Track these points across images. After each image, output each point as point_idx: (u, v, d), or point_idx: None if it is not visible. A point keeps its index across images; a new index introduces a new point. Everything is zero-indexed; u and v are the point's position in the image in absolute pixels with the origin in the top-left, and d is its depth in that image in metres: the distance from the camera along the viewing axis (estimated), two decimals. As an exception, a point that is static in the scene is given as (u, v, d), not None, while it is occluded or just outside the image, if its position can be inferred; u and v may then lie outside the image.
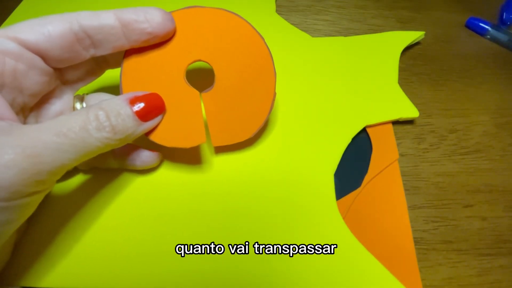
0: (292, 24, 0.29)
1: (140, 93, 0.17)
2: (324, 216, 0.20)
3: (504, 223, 0.21)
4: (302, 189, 0.21)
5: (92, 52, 0.17)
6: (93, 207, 0.20)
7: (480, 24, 0.30)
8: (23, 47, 0.15)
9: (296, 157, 0.22)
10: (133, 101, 0.16)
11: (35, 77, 0.16)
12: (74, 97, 0.19)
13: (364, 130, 0.23)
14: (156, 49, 0.18)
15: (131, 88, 0.18)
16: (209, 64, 0.18)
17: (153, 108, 0.17)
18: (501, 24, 0.30)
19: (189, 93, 0.18)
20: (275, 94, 0.19)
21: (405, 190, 0.22)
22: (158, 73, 0.18)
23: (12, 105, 0.15)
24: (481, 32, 0.30)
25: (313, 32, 0.29)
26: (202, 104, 0.19)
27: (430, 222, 0.21)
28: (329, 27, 0.30)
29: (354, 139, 0.23)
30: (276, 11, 0.30)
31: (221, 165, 0.21)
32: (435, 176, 0.23)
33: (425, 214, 0.21)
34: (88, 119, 0.14)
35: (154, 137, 0.18)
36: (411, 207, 0.21)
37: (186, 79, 0.18)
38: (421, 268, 0.19)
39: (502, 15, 0.30)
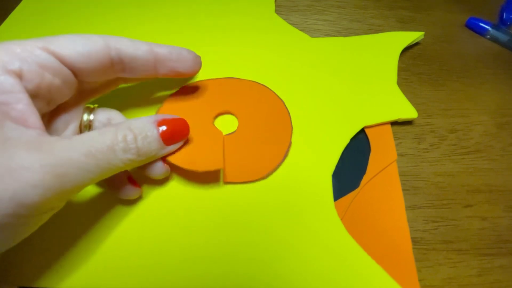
0: (292, 24, 0.29)
1: (169, 116, 0.17)
2: (321, 217, 0.20)
3: (504, 223, 0.21)
4: (300, 189, 0.20)
5: (120, 74, 0.17)
6: (95, 218, 0.19)
7: (480, 24, 0.30)
8: (61, 63, 0.15)
9: (294, 157, 0.22)
10: (161, 123, 0.17)
11: (66, 91, 0.16)
12: (84, 108, 0.18)
13: (362, 131, 0.23)
14: (194, 98, 0.22)
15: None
16: (235, 116, 0.22)
17: (178, 132, 0.17)
18: (501, 24, 0.30)
19: (214, 132, 0.20)
20: (290, 143, 0.22)
21: (405, 190, 0.22)
22: (192, 115, 0.20)
23: None
24: (481, 32, 0.30)
25: (313, 32, 0.29)
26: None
27: (430, 222, 0.21)
28: (329, 27, 0.30)
29: (352, 139, 0.23)
30: (276, 11, 0.30)
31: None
32: (435, 176, 0.22)
33: (425, 214, 0.21)
34: (116, 140, 0.15)
35: (172, 158, 0.18)
36: (411, 207, 0.21)
37: (214, 124, 0.21)
38: (421, 268, 0.19)
39: (502, 15, 0.30)
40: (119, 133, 0.15)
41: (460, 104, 0.26)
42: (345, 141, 0.22)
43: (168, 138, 0.17)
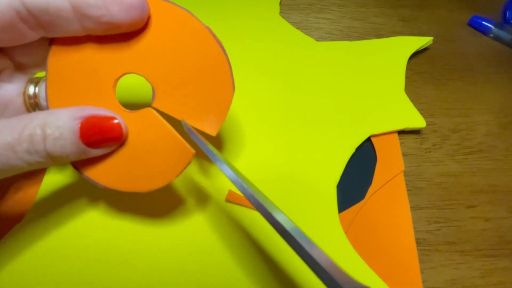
0: (293, 22, 0.28)
1: (97, 112, 0.14)
2: (325, 230, 0.19)
3: (507, 224, 0.21)
4: (303, 201, 0.20)
5: (42, 34, 0.14)
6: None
7: (483, 22, 0.30)
8: None
9: (298, 167, 0.21)
10: (85, 124, 0.13)
11: None
12: (29, 79, 0.16)
13: (368, 140, 0.23)
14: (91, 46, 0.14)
15: (56, 93, 0.15)
16: (145, 78, 0.15)
17: (109, 137, 0.14)
18: (504, 22, 0.30)
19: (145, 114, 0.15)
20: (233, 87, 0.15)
21: (407, 190, 0.21)
22: (86, 82, 0.14)
23: None
24: (484, 31, 0.30)
25: (314, 30, 0.29)
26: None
27: (433, 223, 0.21)
28: (331, 26, 0.29)
29: (358, 149, 0.22)
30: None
31: (219, 173, 0.21)
32: (438, 176, 0.22)
33: (427, 215, 0.21)
34: (19, 139, 0.12)
35: (102, 179, 0.15)
36: (414, 208, 0.21)
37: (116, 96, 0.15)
38: (424, 270, 0.19)
39: (505, 14, 0.30)
40: (25, 130, 0.12)
41: (463, 103, 0.26)
42: (351, 150, 0.22)
43: (91, 142, 0.13)
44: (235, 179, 0.12)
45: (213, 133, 0.15)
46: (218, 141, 0.21)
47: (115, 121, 0.14)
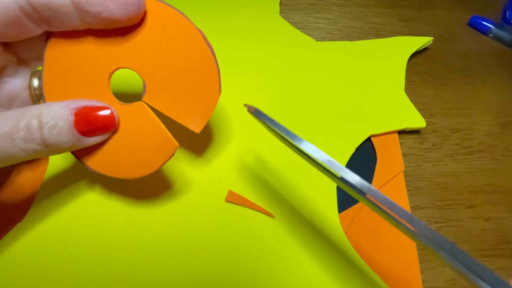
0: (293, 22, 0.28)
1: (92, 103, 0.15)
2: (325, 230, 0.19)
3: (507, 224, 0.21)
4: (303, 201, 0.20)
5: (45, 28, 0.14)
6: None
7: (483, 22, 0.30)
8: None
9: (298, 167, 0.21)
10: (80, 112, 0.14)
11: None
12: (32, 73, 0.17)
13: (368, 140, 0.23)
14: (87, 41, 0.15)
15: (52, 84, 0.15)
16: (137, 72, 0.15)
17: (101, 126, 0.15)
18: (504, 22, 0.30)
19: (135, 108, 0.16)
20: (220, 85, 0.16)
21: (407, 190, 0.21)
22: (81, 74, 0.15)
23: None
24: (484, 31, 0.30)
25: (314, 30, 0.29)
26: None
27: (433, 223, 0.21)
28: (331, 26, 0.29)
29: (358, 149, 0.22)
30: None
31: (219, 173, 0.21)
32: (438, 176, 0.22)
33: (427, 215, 0.21)
34: (16, 127, 0.13)
35: (94, 164, 0.16)
36: (414, 208, 0.21)
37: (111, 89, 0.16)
38: (424, 270, 0.19)
39: (505, 14, 0.30)
40: (22, 119, 0.13)
41: (463, 103, 0.26)
42: (351, 150, 0.22)
43: (85, 130, 0.14)
44: (321, 155, 0.13)
45: (197, 130, 0.16)
46: (219, 143, 0.21)
47: (108, 110, 0.15)
